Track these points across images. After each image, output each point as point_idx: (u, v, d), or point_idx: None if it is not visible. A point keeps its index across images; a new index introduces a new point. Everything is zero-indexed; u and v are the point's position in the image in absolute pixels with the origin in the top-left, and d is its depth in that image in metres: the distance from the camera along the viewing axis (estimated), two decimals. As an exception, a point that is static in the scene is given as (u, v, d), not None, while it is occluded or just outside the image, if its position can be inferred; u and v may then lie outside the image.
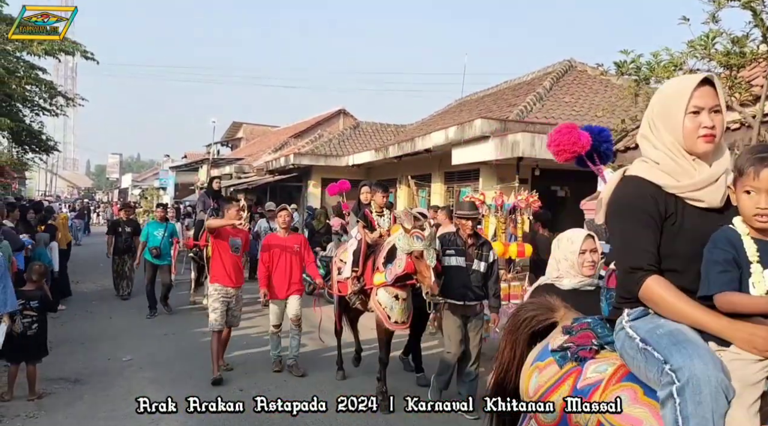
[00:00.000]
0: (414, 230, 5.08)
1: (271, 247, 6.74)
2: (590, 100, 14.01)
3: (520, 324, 2.80)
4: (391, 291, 5.55)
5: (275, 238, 6.92)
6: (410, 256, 5.09)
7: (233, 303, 6.65)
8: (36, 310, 5.75)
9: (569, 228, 3.91)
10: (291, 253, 6.71)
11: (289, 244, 6.77)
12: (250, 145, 36.61)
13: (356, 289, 5.97)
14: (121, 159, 76.36)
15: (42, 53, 11.62)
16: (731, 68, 4.55)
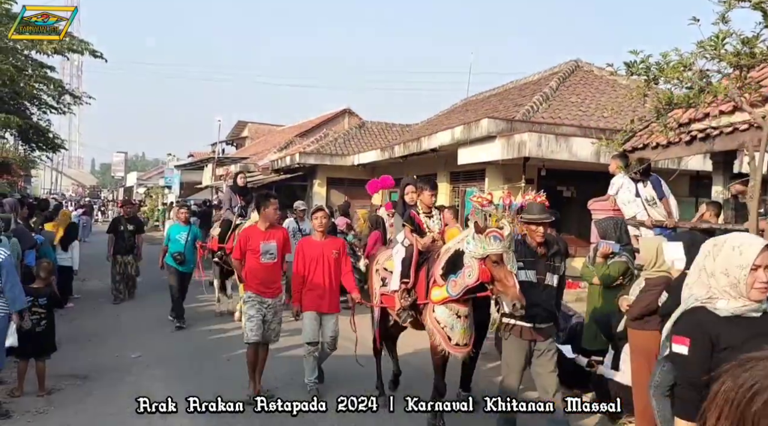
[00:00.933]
0: (491, 230, 4.29)
1: (306, 253, 5.84)
2: (597, 100, 14.00)
3: None
4: (452, 307, 4.71)
5: (310, 243, 5.98)
6: (484, 262, 4.29)
7: (270, 314, 5.80)
8: (44, 307, 5.82)
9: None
10: (329, 261, 5.83)
11: (326, 250, 5.85)
12: (255, 144, 36.65)
13: (407, 304, 5.10)
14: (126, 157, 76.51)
15: (51, 52, 11.69)
16: (741, 69, 4.55)
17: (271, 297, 5.82)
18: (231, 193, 9.74)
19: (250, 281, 5.82)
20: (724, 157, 7.37)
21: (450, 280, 4.63)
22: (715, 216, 6.50)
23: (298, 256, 5.87)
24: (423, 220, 5.41)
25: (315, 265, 5.78)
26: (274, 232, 5.93)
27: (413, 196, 5.65)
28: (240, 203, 9.38)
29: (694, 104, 4.84)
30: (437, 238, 5.35)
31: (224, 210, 9.68)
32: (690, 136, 6.61)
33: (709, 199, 7.62)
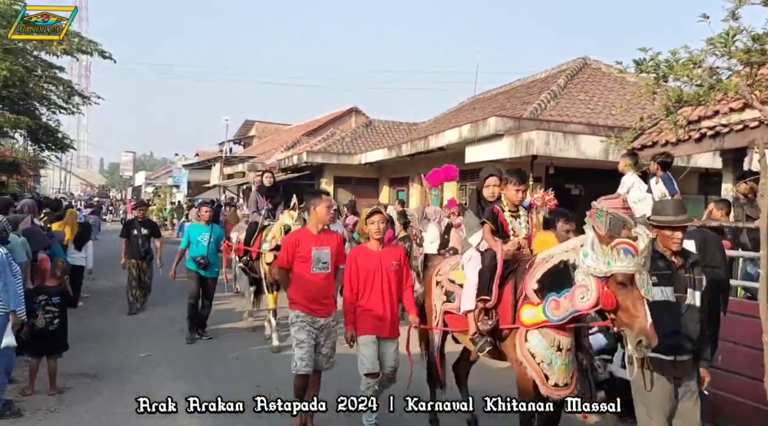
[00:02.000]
0: (619, 240, 3.33)
1: (361, 265, 4.81)
2: (605, 97, 13.95)
3: None
4: (550, 336, 3.74)
5: (365, 252, 4.91)
6: (606, 283, 3.36)
7: (322, 337, 4.86)
8: (57, 305, 5.87)
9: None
10: (388, 274, 4.79)
11: (385, 261, 4.81)
12: (262, 143, 36.76)
13: (486, 328, 4.07)
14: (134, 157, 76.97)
15: (61, 53, 11.76)
16: (752, 66, 4.51)
17: (324, 316, 4.87)
18: (257, 194, 8.80)
19: (298, 297, 4.84)
20: (734, 155, 7.34)
21: (549, 299, 3.70)
22: (726, 214, 6.46)
23: (350, 269, 4.84)
24: (507, 220, 4.35)
25: (372, 279, 4.77)
26: (328, 236, 5.01)
27: (495, 191, 4.59)
28: (267, 205, 8.58)
29: (703, 102, 4.80)
30: (524, 245, 4.27)
31: (251, 212, 8.85)
32: (700, 134, 6.58)
33: (718, 196, 7.58)
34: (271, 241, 7.63)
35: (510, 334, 3.99)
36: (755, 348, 4.98)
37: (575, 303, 3.51)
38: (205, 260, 8.11)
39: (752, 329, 4.78)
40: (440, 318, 4.76)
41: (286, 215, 7.46)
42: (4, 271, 5.01)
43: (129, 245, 9.90)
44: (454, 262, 4.85)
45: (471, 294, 4.20)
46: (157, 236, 10.38)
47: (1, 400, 5.10)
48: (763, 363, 3.94)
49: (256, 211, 8.62)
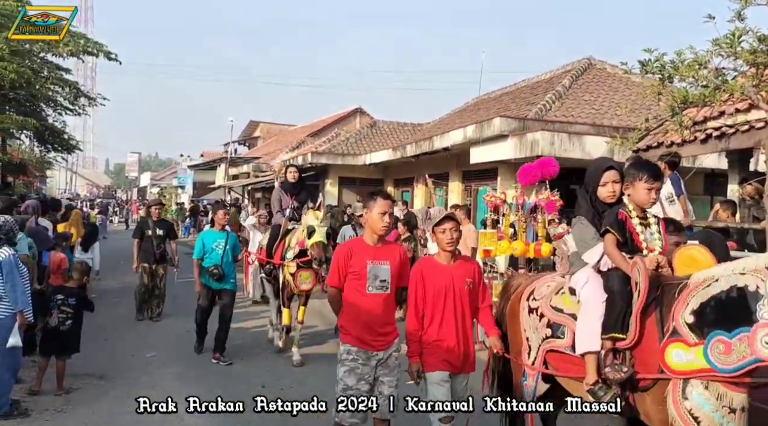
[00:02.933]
0: None
1: (429, 283, 3.88)
2: (610, 98, 13.93)
3: None
4: (719, 392, 2.78)
5: (434, 267, 3.96)
6: None
7: (383, 374, 3.90)
8: (73, 307, 5.91)
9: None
10: (461, 295, 3.88)
11: (457, 278, 3.89)
12: (267, 144, 36.83)
13: (620, 377, 3.08)
14: (140, 158, 77.22)
15: (67, 54, 11.83)
16: (758, 66, 4.52)
17: (383, 348, 3.91)
18: (281, 191, 7.85)
19: (350, 325, 3.91)
20: (739, 156, 7.32)
21: (714, 338, 2.77)
22: (731, 215, 6.45)
23: (416, 288, 3.89)
24: (636, 230, 3.29)
25: (443, 301, 3.83)
26: (388, 249, 4.04)
27: (615, 189, 3.49)
28: (291, 204, 7.58)
29: (709, 102, 4.81)
30: (663, 263, 3.21)
31: (275, 212, 7.84)
32: (705, 135, 6.57)
33: (724, 197, 7.57)
34: (295, 248, 6.89)
35: (655, 386, 2.99)
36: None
37: (756, 348, 2.63)
38: (219, 271, 7.10)
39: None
40: (538, 356, 3.67)
41: (311, 215, 6.70)
42: (11, 272, 5.04)
43: (142, 247, 9.18)
44: (553, 283, 3.82)
45: (593, 329, 3.20)
46: (173, 237, 9.70)
47: (8, 400, 5.12)
48: None
49: (280, 211, 7.65)
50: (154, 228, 9.24)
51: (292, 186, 7.84)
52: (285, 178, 8.12)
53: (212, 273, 7.10)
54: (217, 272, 7.10)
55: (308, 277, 6.98)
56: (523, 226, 7.77)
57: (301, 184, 8.00)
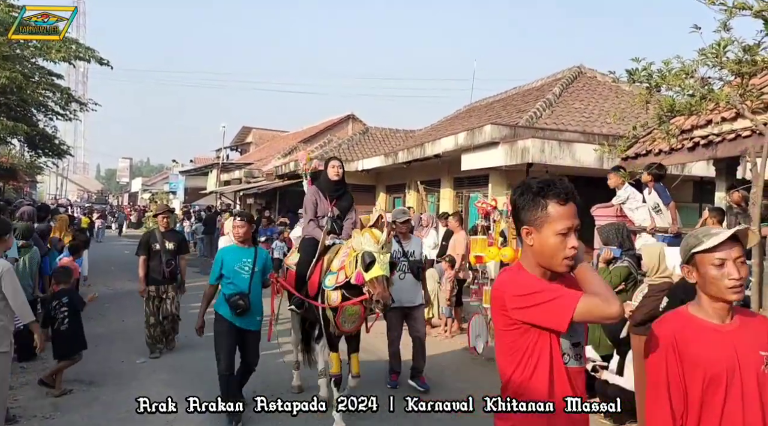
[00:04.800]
0: None
1: (692, 357, 2.12)
2: (600, 106, 14.05)
3: None
4: None
5: (697, 327, 2.17)
6: None
7: None
8: (67, 305, 6.11)
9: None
10: (757, 380, 2.08)
11: (744, 348, 2.10)
12: (259, 149, 36.83)
13: None
14: (131, 163, 76.93)
15: (59, 59, 11.80)
16: (743, 76, 4.59)
17: None
18: (316, 194, 5.68)
19: None
20: (726, 164, 7.41)
21: None
22: (718, 222, 6.53)
23: (665, 365, 2.17)
24: None
25: (722, 393, 2.08)
26: None
27: None
28: (331, 212, 5.59)
29: (695, 111, 4.88)
30: None
31: (306, 222, 5.70)
32: (693, 143, 6.65)
33: (712, 205, 7.65)
34: (339, 273, 4.94)
35: None
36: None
37: None
38: (245, 302, 5.10)
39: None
40: None
41: (367, 237, 4.66)
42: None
43: (150, 264, 7.51)
44: None
45: None
46: (184, 251, 7.95)
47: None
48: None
49: (314, 221, 5.60)
50: (162, 241, 7.53)
51: (334, 186, 5.67)
52: (324, 175, 5.77)
53: (236, 305, 5.07)
54: (243, 304, 5.08)
55: (355, 314, 5.03)
56: (512, 232, 7.82)
57: (343, 186, 5.81)
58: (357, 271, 4.62)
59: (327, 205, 5.65)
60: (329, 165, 5.77)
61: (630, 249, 5.98)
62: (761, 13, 4.19)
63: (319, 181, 5.89)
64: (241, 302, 5.12)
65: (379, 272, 4.52)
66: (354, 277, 4.65)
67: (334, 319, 5.00)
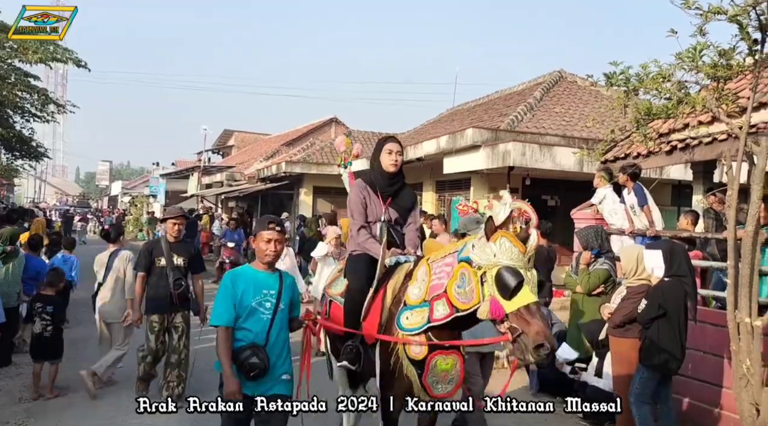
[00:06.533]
0: None
1: None
2: (580, 110, 14.16)
3: None
4: None
5: None
6: None
7: None
8: (50, 314, 6.14)
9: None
10: None
11: None
12: (241, 152, 36.61)
13: None
14: (111, 166, 76.03)
15: (36, 61, 11.63)
16: (718, 80, 4.64)
17: None
18: (364, 190, 4.09)
19: None
20: (704, 167, 7.50)
21: None
22: (692, 224, 6.61)
23: None
24: None
25: None
26: None
27: None
28: (386, 213, 4.05)
29: (672, 115, 4.92)
30: None
31: (355, 231, 4.06)
32: (670, 146, 6.72)
33: (690, 208, 7.74)
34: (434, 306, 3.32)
35: None
36: (724, 357, 5.09)
37: None
38: (262, 359, 3.29)
39: (721, 338, 4.88)
40: None
41: (503, 244, 3.04)
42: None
43: (150, 284, 5.78)
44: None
45: None
46: (199, 269, 6.11)
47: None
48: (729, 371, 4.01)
49: (365, 228, 4.01)
50: (170, 254, 5.76)
51: (389, 180, 4.08)
52: (375, 164, 4.12)
53: (250, 365, 3.26)
54: (259, 364, 3.26)
55: (451, 370, 3.49)
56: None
57: (402, 179, 4.20)
58: (490, 299, 3.01)
59: (380, 205, 4.05)
60: (383, 150, 4.07)
61: (609, 251, 6.02)
62: (736, 18, 4.23)
63: (366, 172, 4.29)
64: (255, 360, 3.25)
65: (529, 298, 2.94)
66: (486, 308, 3.03)
67: (420, 380, 3.45)
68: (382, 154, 4.08)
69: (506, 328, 2.99)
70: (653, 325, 4.39)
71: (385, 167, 4.06)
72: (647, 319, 4.41)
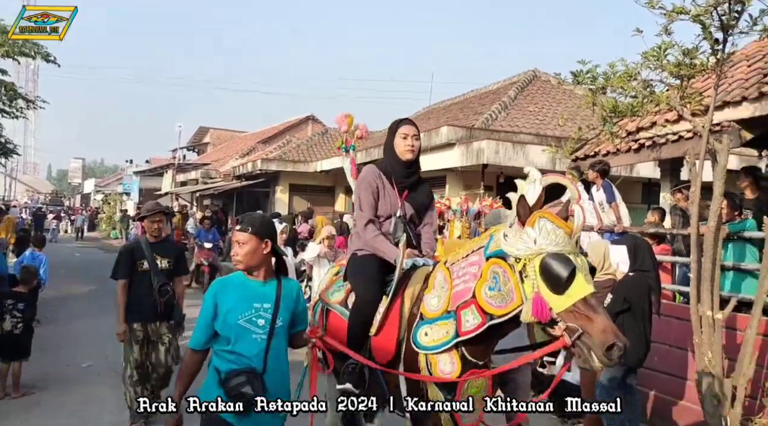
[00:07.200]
0: None
1: None
2: (553, 109, 14.33)
3: None
4: None
5: None
6: None
7: None
8: (21, 312, 6.09)
9: None
10: None
11: None
12: (216, 150, 36.30)
13: None
14: (84, 164, 74.79)
15: (2, 55, 11.39)
16: (682, 79, 4.74)
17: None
18: (377, 178, 3.43)
19: None
20: (671, 165, 7.65)
21: None
22: (660, 220, 6.74)
23: None
24: None
25: None
26: None
27: None
28: (402, 208, 3.45)
29: (638, 113, 5.02)
30: None
31: (362, 226, 3.39)
32: (638, 144, 6.85)
33: (658, 205, 7.89)
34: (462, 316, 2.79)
35: None
36: (688, 350, 5.21)
37: None
38: (257, 388, 2.71)
39: (686, 331, 4.99)
40: None
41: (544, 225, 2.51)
42: None
43: (132, 291, 5.09)
44: None
45: None
46: (182, 272, 5.54)
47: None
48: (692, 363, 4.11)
49: (373, 222, 3.38)
50: (152, 256, 5.12)
51: (407, 170, 3.47)
52: (389, 149, 3.51)
53: (240, 394, 2.70)
54: (253, 393, 2.70)
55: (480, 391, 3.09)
56: (467, 231, 7.93)
57: (418, 168, 3.58)
58: (535, 296, 2.47)
59: (396, 197, 3.43)
60: (397, 133, 3.44)
61: (578, 247, 6.10)
62: (699, 18, 4.33)
63: (379, 164, 3.55)
64: (248, 390, 2.68)
65: (586, 289, 2.42)
66: (529, 309, 2.49)
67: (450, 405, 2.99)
68: (396, 139, 3.46)
69: (561, 331, 2.42)
70: (618, 319, 4.47)
71: (400, 154, 3.43)
72: (612, 313, 4.48)
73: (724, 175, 4.43)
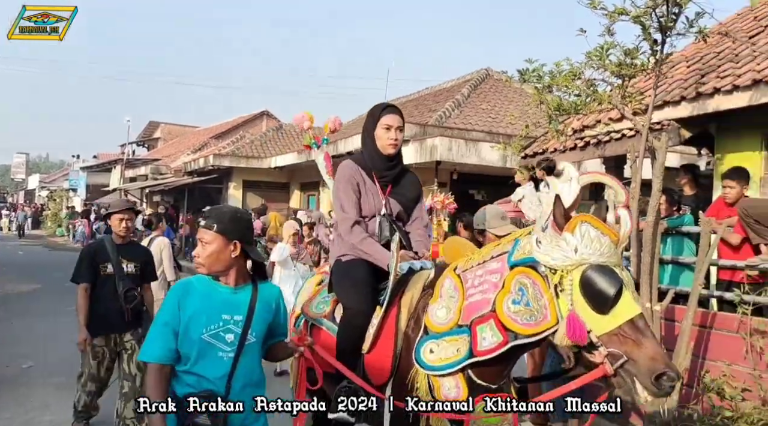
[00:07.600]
0: None
1: None
2: (506, 107, 14.58)
3: None
4: None
5: None
6: None
7: None
8: None
9: None
10: None
11: None
12: (167, 145, 35.55)
13: None
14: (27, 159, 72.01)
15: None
16: (623, 78, 4.90)
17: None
18: (357, 173, 3.08)
19: None
20: (615, 162, 7.88)
21: None
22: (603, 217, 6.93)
23: None
24: None
25: None
26: None
27: None
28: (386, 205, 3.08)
29: (582, 111, 5.16)
30: None
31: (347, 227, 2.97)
32: (584, 142, 7.04)
33: (604, 202, 8.13)
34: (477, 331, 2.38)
35: None
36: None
37: None
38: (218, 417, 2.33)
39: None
40: None
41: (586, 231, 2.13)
42: None
43: (95, 297, 4.54)
44: None
45: None
46: (150, 278, 4.93)
47: None
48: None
49: (359, 224, 3.00)
50: (117, 259, 4.59)
51: (388, 164, 3.13)
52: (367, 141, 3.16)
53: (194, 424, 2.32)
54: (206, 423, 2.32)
55: None
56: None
57: (401, 161, 3.25)
58: (570, 315, 2.13)
59: (378, 194, 3.07)
60: (379, 124, 3.08)
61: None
62: (639, 19, 4.48)
63: (359, 153, 3.24)
64: (204, 421, 2.35)
65: (633, 309, 2.10)
66: (564, 331, 2.16)
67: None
68: (377, 130, 3.06)
69: (602, 357, 2.08)
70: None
71: (381, 148, 3.04)
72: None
73: (663, 171, 4.60)
